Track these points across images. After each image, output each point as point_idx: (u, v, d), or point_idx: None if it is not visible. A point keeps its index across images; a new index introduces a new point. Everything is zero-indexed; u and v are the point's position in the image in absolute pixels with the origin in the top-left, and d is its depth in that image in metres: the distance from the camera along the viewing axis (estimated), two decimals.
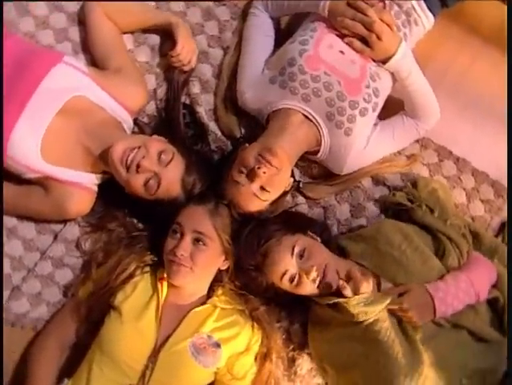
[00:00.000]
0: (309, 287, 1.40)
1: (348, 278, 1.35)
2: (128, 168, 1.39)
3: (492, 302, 1.44)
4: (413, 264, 1.43)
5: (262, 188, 1.41)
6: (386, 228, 1.51)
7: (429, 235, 1.51)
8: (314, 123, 1.50)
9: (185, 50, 1.57)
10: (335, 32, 1.51)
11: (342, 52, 1.50)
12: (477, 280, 1.41)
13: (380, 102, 1.55)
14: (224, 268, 1.47)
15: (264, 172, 1.38)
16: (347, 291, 1.31)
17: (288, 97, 1.49)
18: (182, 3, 1.68)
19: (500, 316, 1.42)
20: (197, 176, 1.46)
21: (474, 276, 1.41)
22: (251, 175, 1.39)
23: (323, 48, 1.49)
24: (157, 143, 1.44)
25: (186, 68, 1.61)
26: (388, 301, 1.34)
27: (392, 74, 1.54)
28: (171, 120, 1.58)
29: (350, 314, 1.33)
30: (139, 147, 1.40)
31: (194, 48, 1.61)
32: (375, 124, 1.58)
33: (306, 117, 1.50)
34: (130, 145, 1.40)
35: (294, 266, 1.39)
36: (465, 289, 1.39)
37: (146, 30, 1.65)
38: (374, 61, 1.52)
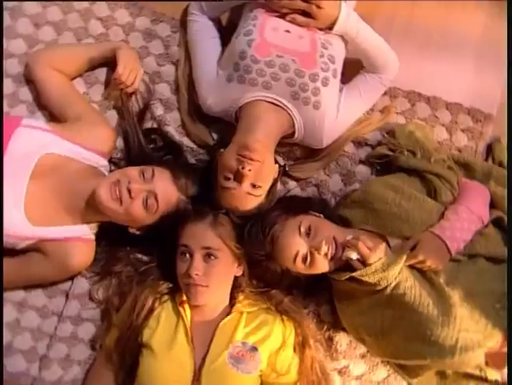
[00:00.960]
0: (322, 264, 1.39)
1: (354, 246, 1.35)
2: (121, 201, 1.38)
3: (496, 223, 1.45)
4: (412, 213, 1.43)
5: (253, 185, 1.41)
6: (375, 188, 1.51)
7: (417, 178, 1.52)
8: (281, 107, 1.50)
9: (127, 70, 1.54)
10: (275, 14, 1.51)
11: (288, 31, 1.50)
12: (474, 205, 1.42)
13: (338, 67, 1.55)
14: (239, 274, 1.47)
15: (249, 170, 1.38)
16: (355, 261, 1.33)
17: (249, 90, 1.49)
18: (121, 32, 1.68)
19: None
20: (186, 178, 1.45)
21: (471, 203, 1.43)
22: (238, 177, 1.39)
23: (268, 32, 1.49)
24: (134, 168, 1.43)
25: (130, 90, 1.58)
26: (403, 259, 1.34)
27: (342, 36, 1.55)
28: (139, 149, 1.57)
29: (370, 283, 1.33)
30: (118, 179, 1.39)
31: (137, 67, 1.59)
32: (341, 91, 1.58)
33: (273, 103, 1.49)
34: (111, 181, 1.39)
35: (304, 245, 1.39)
36: (467, 218, 1.40)
37: (94, 68, 1.64)
38: (321, 30, 1.52)
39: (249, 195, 1.42)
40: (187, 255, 1.39)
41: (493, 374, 1.43)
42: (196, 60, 1.61)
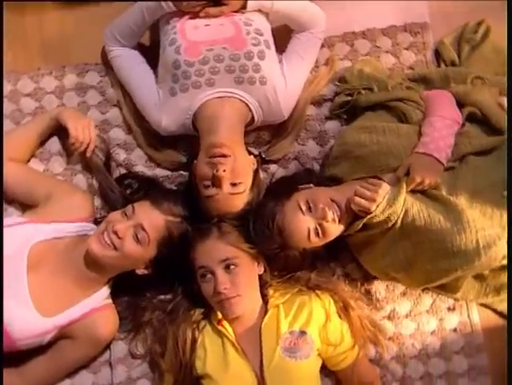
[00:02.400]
0: (334, 228, 1.39)
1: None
2: (113, 246, 1.36)
3: (471, 118, 1.47)
4: (393, 144, 1.43)
5: (233, 184, 1.40)
6: (349, 137, 1.51)
7: (383, 110, 1.53)
8: (231, 97, 1.49)
9: (79, 129, 1.52)
10: (189, 16, 1.51)
11: (208, 25, 1.50)
12: (444, 111, 1.43)
13: (269, 38, 1.55)
14: (262, 272, 1.46)
15: (224, 171, 1.37)
16: (363, 202, 1.32)
17: (195, 94, 1.49)
18: (54, 98, 1.67)
19: (486, 123, 1.45)
20: (167, 201, 1.44)
21: (440, 110, 1.44)
22: (216, 181, 1.38)
23: (190, 33, 1.49)
24: (115, 213, 1.42)
25: (91, 146, 1.55)
26: (404, 188, 1.35)
27: (260, 10, 1.55)
28: (119, 199, 1.54)
29: (382, 222, 1.34)
30: (105, 228, 1.38)
31: (86, 122, 1.56)
32: (281, 61, 1.59)
33: (222, 97, 1.49)
34: (98, 233, 1.38)
35: (311, 220, 1.38)
36: (443, 126, 1.41)
37: (44, 142, 1.62)
38: (237, 12, 1.52)
39: (232, 195, 1.41)
40: (208, 275, 1.38)
41: None
42: (133, 91, 1.60)
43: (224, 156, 1.38)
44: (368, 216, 1.34)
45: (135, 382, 1.53)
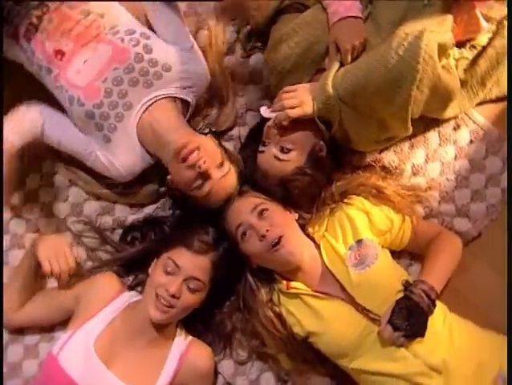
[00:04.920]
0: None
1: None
2: (173, 306, 1.37)
3: None
4: (309, 34, 1.43)
5: (219, 166, 1.41)
6: (271, 57, 1.50)
7: (282, 15, 1.51)
8: (152, 103, 1.47)
9: (53, 261, 1.41)
10: (66, 68, 1.47)
11: (85, 61, 1.46)
12: None
13: (142, 29, 1.51)
14: (297, 217, 1.48)
15: (204, 162, 1.36)
16: (294, 111, 1.36)
17: (124, 126, 1.47)
18: None
19: None
20: (196, 237, 1.42)
21: None
22: (205, 175, 1.38)
23: (77, 80, 1.45)
24: (155, 273, 1.42)
25: (72, 266, 1.44)
26: (331, 69, 1.38)
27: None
28: (137, 260, 1.55)
29: (328, 108, 1.38)
30: (157, 293, 1.38)
31: (60, 249, 1.44)
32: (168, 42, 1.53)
33: (146, 110, 1.47)
34: (152, 300, 1.38)
35: (269, 149, 1.42)
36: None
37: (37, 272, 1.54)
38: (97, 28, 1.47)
39: (224, 177, 1.42)
40: (247, 231, 1.39)
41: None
42: (69, 151, 1.54)
43: (193, 150, 1.37)
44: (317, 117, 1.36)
45: (258, 380, 1.56)
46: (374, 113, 1.38)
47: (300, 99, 1.36)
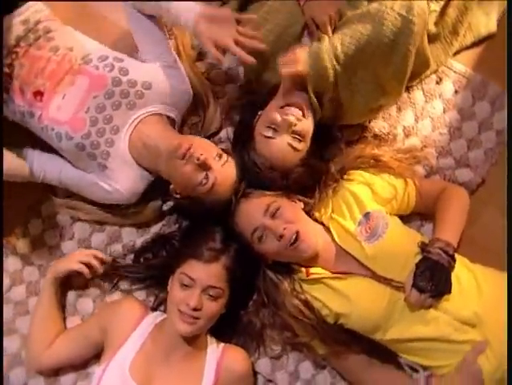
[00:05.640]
0: (306, 124, 1.39)
1: None
2: (198, 318, 1.38)
3: None
4: (281, 19, 1.43)
5: (217, 157, 1.42)
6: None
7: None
8: (138, 122, 1.48)
9: (85, 258, 1.52)
10: (47, 107, 1.47)
11: (64, 95, 1.46)
12: None
13: (114, 53, 1.51)
14: (303, 206, 1.48)
15: (201, 154, 1.37)
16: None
17: (116, 149, 1.47)
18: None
19: None
20: (204, 246, 1.42)
21: None
22: (203, 166, 1.38)
23: (60, 115, 1.45)
24: (174, 288, 1.42)
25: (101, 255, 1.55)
26: (323, 37, 1.39)
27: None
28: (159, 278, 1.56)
29: (323, 75, 1.36)
30: (180, 309, 1.38)
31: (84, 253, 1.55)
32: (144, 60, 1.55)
33: (135, 127, 1.47)
34: (177, 314, 1.39)
35: (283, 137, 1.39)
36: None
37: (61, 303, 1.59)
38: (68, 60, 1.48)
39: (223, 165, 1.42)
40: (263, 233, 1.38)
41: None
42: (81, 192, 1.57)
43: (189, 148, 1.38)
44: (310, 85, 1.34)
45: (297, 371, 1.56)
46: (374, 77, 1.38)
47: (296, 57, 1.34)
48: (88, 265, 1.52)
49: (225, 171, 1.42)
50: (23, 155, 1.53)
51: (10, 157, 1.40)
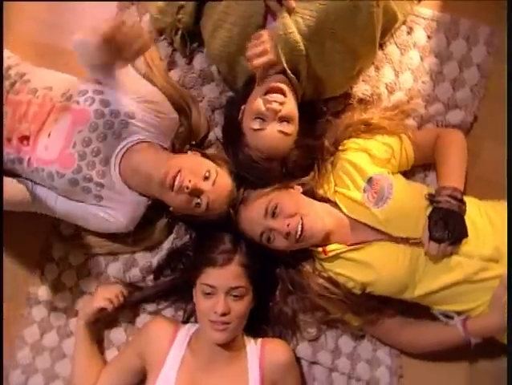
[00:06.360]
0: (290, 107, 1.37)
1: None
2: (229, 322, 1.39)
3: None
4: (241, 10, 1.40)
5: (205, 177, 1.41)
6: (212, 52, 1.49)
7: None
8: (126, 150, 1.47)
9: (108, 294, 1.53)
10: (34, 150, 1.46)
11: (49, 135, 1.46)
12: None
13: (93, 86, 1.50)
14: (301, 190, 1.48)
15: (189, 181, 1.37)
16: (261, 60, 1.33)
17: (109, 180, 1.47)
18: None
19: None
20: (217, 251, 1.43)
21: None
22: (194, 192, 1.38)
23: (48, 155, 1.45)
24: (199, 305, 1.44)
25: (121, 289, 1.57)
26: (284, 15, 1.35)
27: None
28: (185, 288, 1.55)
29: (294, 55, 1.34)
30: (210, 319, 1.40)
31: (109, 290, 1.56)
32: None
33: (123, 156, 1.47)
34: (209, 327, 1.40)
35: (272, 125, 1.37)
36: None
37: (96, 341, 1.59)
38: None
39: (214, 184, 1.41)
40: (271, 233, 1.38)
41: None
42: (86, 225, 1.57)
43: (175, 176, 1.37)
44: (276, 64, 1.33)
45: (337, 347, 1.57)
46: (344, 46, 1.36)
47: (262, 48, 1.32)
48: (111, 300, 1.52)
49: (217, 188, 1.41)
50: (24, 182, 1.50)
51: (10, 183, 1.39)
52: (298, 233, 1.35)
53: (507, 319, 1.25)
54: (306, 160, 1.48)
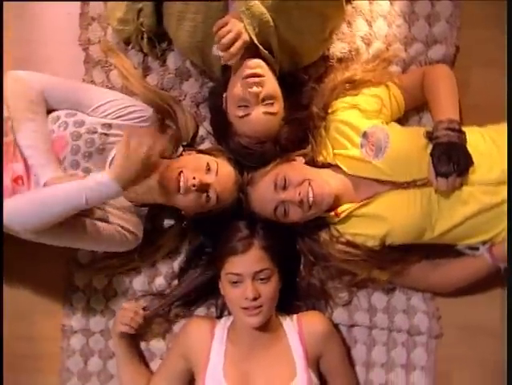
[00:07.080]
0: (270, 87, 1.36)
1: None
2: (261, 307, 1.40)
3: None
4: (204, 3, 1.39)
5: (207, 170, 1.42)
6: (180, 46, 1.49)
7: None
8: None
9: (131, 311, 1.54)
10: (29, 186, 1.45)
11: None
12: None
13: (66, 110, 1.50)
14: (303, 160, 1.48)
15: (193, 178, 1.38)
16: (234, 47, 1.30)
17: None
18: None
19: None
20: (236, 239, 1.43)
21: None
22: (201, 188, 1.39)
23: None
24: (228, 295, 1.45)
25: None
26: None
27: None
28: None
29: (263, 30, 1.33)
30: (243, 305, 1.40)
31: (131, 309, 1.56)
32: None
33: None
34: (245, 314, 1.41)
35: (257, 108, 1.36)
36: None
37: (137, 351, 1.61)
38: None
39: (217, 175, 1.42)
40: (284, 207, 1.39)
41: None
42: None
43: (179, 177, 1.38)
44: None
45: (372, 305, 1.57)
46: (311, 11, 1.35)
47: (235, 31, 1.30)
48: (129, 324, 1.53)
49: (221, 178, 1.42)
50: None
51: None
52: (310, 198, 1.36)
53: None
54: (299, 132, 1.47)
